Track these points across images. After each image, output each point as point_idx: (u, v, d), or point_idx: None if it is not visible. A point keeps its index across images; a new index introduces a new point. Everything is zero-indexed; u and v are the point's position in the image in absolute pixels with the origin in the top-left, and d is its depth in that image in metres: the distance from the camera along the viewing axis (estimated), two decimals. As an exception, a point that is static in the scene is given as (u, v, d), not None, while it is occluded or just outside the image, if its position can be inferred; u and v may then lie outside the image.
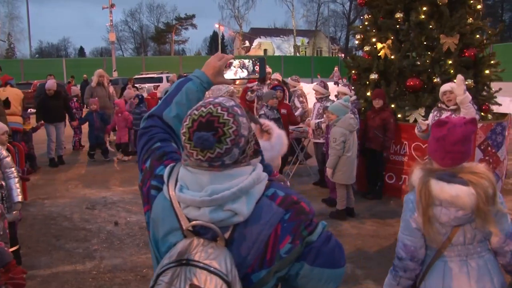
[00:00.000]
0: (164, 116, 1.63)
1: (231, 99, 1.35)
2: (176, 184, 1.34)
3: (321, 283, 1.37)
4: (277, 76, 10.22)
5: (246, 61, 1.79)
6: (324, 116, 6.86)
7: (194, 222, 1.27)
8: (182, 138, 1.31)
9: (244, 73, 1.79)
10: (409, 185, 2.26)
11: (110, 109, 11.11)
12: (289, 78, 9.61)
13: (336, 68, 25.88)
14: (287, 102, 9.07)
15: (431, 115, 5.43)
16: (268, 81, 9.26)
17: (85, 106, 13.00)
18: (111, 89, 12.46)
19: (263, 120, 3.03)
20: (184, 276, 1.19)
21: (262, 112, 7.31)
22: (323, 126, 7.01)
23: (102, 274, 4.61)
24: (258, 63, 1.79)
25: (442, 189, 2.06)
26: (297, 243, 1.28)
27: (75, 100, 11.74)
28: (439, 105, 5.39)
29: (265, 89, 8.72)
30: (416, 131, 5.39)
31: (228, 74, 1.77)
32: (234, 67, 1.78)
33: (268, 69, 9.87)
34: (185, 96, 1.66)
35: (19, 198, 4.43)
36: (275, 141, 3.04)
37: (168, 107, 1.65)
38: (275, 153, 3.06)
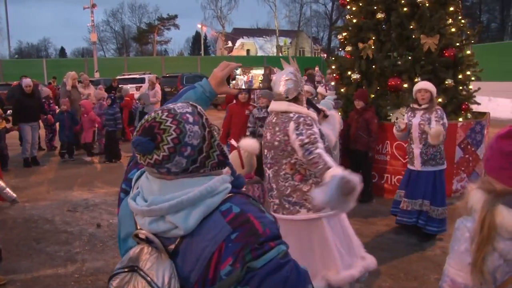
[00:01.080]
0: None
1: (191, 104, 1.33)
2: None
3: None
4: None
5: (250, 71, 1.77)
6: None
7: (138, 231, 1.26)
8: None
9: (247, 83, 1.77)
10: (464, 208, 1.79)
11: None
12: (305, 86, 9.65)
13: (316, 68, 25.96)
14: (253, 103, 8.78)
15: (405, 116, 5.45)
16: None
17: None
18: (91, 90, 12.33)
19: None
20: (133, 282, 1.20)
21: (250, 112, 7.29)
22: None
23: (84, 277, 4.56)
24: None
25: None
26: (237, 267, 1.17)
27: (42, 101, 11.67)
28: (411, 105, 5.41)
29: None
30: (394, 130, 5.40)
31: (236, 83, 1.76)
32: (239, 75, 1.76)
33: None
34: None
35: (14, 195, 4.66)
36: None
37: None
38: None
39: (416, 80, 6.92)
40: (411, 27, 7.19)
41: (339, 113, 6.70)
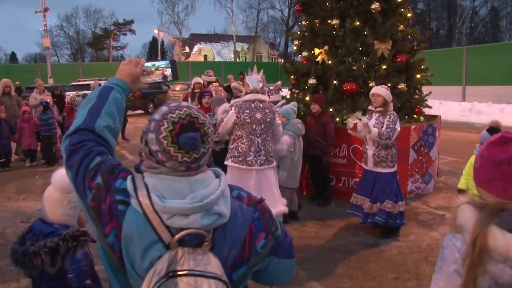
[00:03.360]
0: (97, 127, 1.51)
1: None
2: (149, 196, 1.27)
3: (284, 273, 1.55)
4: (198, 80, 9.83)
5: (159, 64, 1.81)
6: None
7: (185, 232, 1.25)
8: (163, 142, 1.28)
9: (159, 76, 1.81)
10: (452, 224, 1.62)
11: (18, 118, 10.78)
12: (232, 84, 9.82)
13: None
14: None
15: (363, 117, 5.62)
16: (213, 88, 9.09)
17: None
18: (45, 95, 11.94)
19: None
20: (198, 284, 1.17)
21: None
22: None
23: (38, 290, 4.39)
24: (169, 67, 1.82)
25: (510, 244, 1.45)
26: (270, 238, 1.40)
27: None
28: (369, 107, 5.53)
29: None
30: (348, 130, 5.65)
31: (145, 78, 1.78)
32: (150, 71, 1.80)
33: (212, 78, 10.11)
34: (114, 106, 1.58)
35: None
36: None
37: (99, 118, 1.54)
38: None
39: (370, 84, 7.09)
40: (365, 33, 7.38)
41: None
